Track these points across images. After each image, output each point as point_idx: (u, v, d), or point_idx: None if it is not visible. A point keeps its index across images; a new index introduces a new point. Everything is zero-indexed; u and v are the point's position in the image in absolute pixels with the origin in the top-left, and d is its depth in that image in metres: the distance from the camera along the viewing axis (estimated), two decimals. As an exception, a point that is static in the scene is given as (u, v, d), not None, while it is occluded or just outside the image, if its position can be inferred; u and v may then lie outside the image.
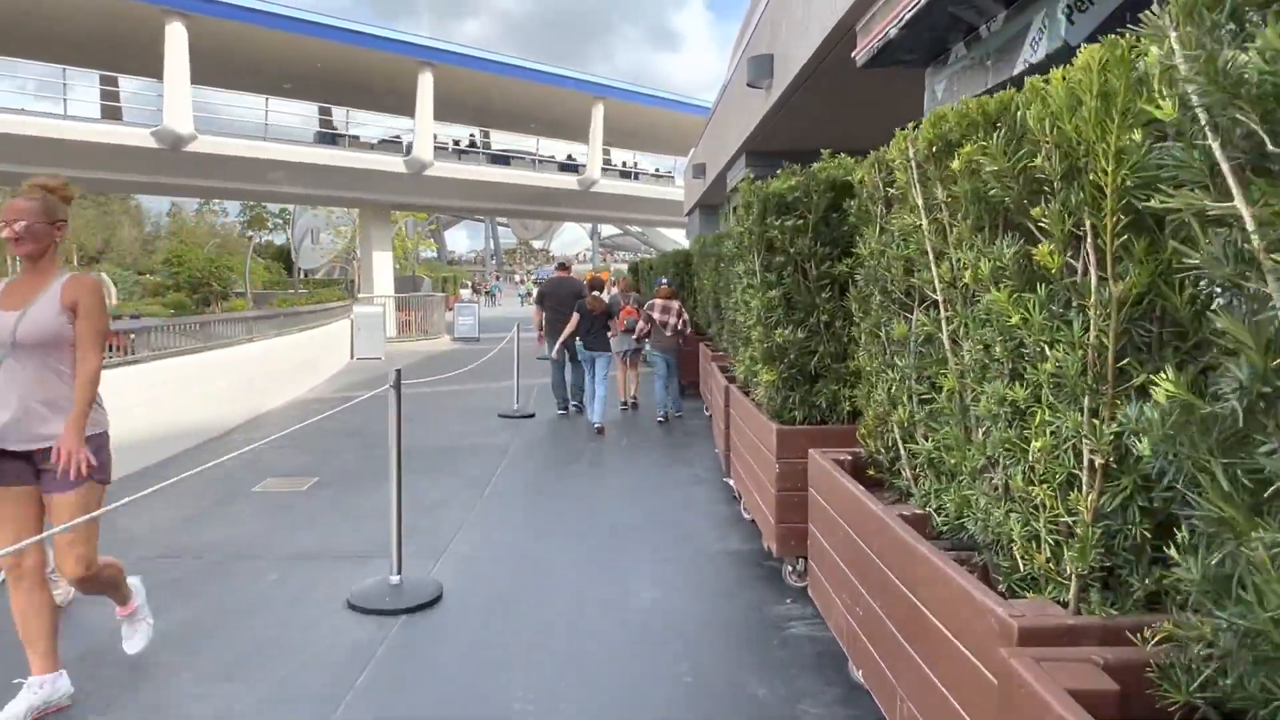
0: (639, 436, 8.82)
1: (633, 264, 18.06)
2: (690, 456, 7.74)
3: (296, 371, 12.19)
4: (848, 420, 3.96)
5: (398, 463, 4.47)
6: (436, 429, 9.30)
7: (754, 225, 4.08)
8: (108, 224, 76.16)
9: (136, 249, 74.74)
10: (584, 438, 8.76)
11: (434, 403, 11.33)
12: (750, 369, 4.49)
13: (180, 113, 17.38)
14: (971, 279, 2.10)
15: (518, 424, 9.57)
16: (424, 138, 21.95)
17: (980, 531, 2.25)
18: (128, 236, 76.61)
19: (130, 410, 7.57)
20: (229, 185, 19.79)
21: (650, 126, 29.68)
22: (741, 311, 4.81)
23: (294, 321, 12.97)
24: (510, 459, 7.70)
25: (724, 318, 7.71)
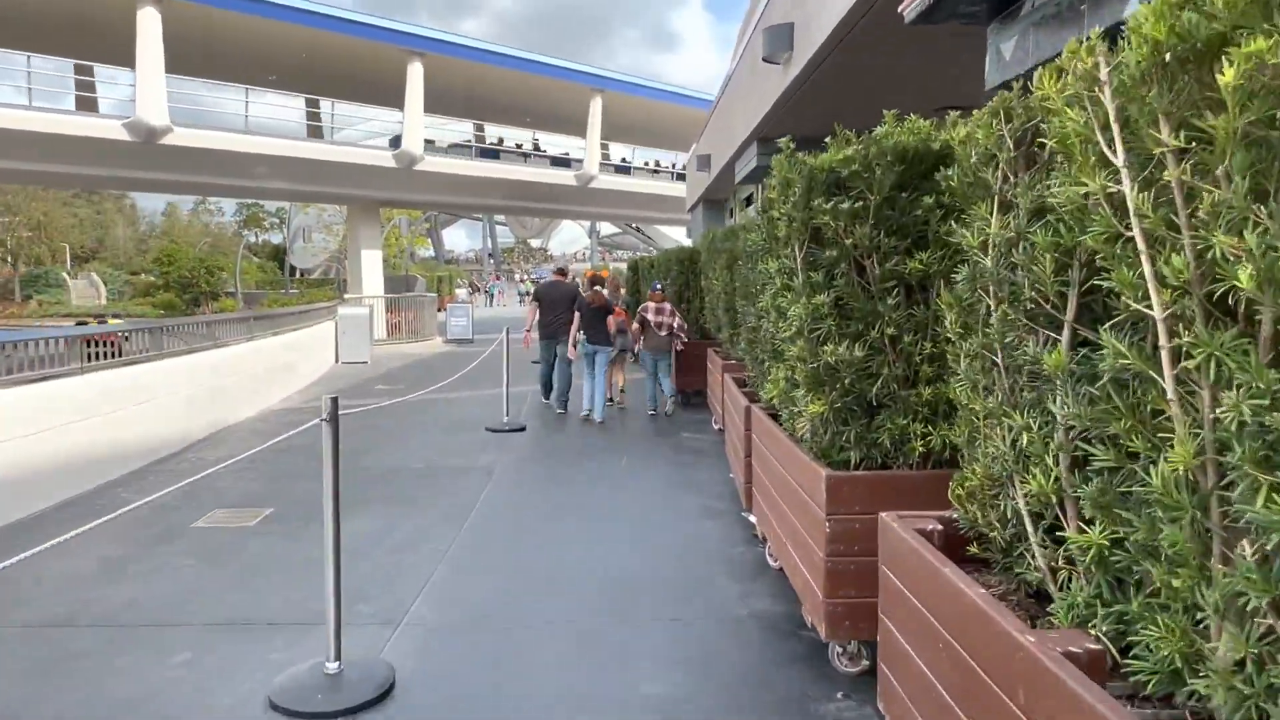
0: (640, 454, 7.89)
1: (632, 262, 17.13)
2: (699, 480, 6.80)
3: (269, 379, 11.25)
4: (920, 464, 3.03)
5: (334, 517, 3.50)
6: (417, 446, 8.37)
7: (795, 210, 3.15)
8: (102, 223, 75.38)
9: (131, 248, 73.91)
10: (577, 456, 7.83)
11: (418, 414, 10.39)
12: (786, 393, 3.55)
13: (154, 103, 16.42)
14: (1256, 283, 1.17)
15: (506, 439, 8.64)
16: (414, 131, 20.98)
17: (1231, 710, 1.33)
18: (122, 236, 75.79)
19: (66, 428, 6.64)
20: (209, 180, 18.85)
21: (650, 121, 28.70)
22: (772, 319, 3.87)
23: (267, 325, 12.02)
24: (495, 484, 6.76)
25: (739, 323, 6.79)
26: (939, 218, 2.87)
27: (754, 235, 4.80)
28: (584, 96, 25.19)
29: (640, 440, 8.64)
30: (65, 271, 55.55)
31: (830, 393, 3.03)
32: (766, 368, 4.47)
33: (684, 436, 8.74)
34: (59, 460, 6.53)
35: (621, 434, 9.00)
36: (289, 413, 10.55)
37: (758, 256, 4.65)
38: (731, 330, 7.76)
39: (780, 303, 3.46)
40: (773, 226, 3.89)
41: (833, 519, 2.99)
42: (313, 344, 14.36)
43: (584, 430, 9.23)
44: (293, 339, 12.75)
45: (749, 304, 5.41)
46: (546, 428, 9.42)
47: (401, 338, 21.78)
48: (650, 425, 9.46)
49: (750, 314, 5.12)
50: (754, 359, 5.41)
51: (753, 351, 5.39)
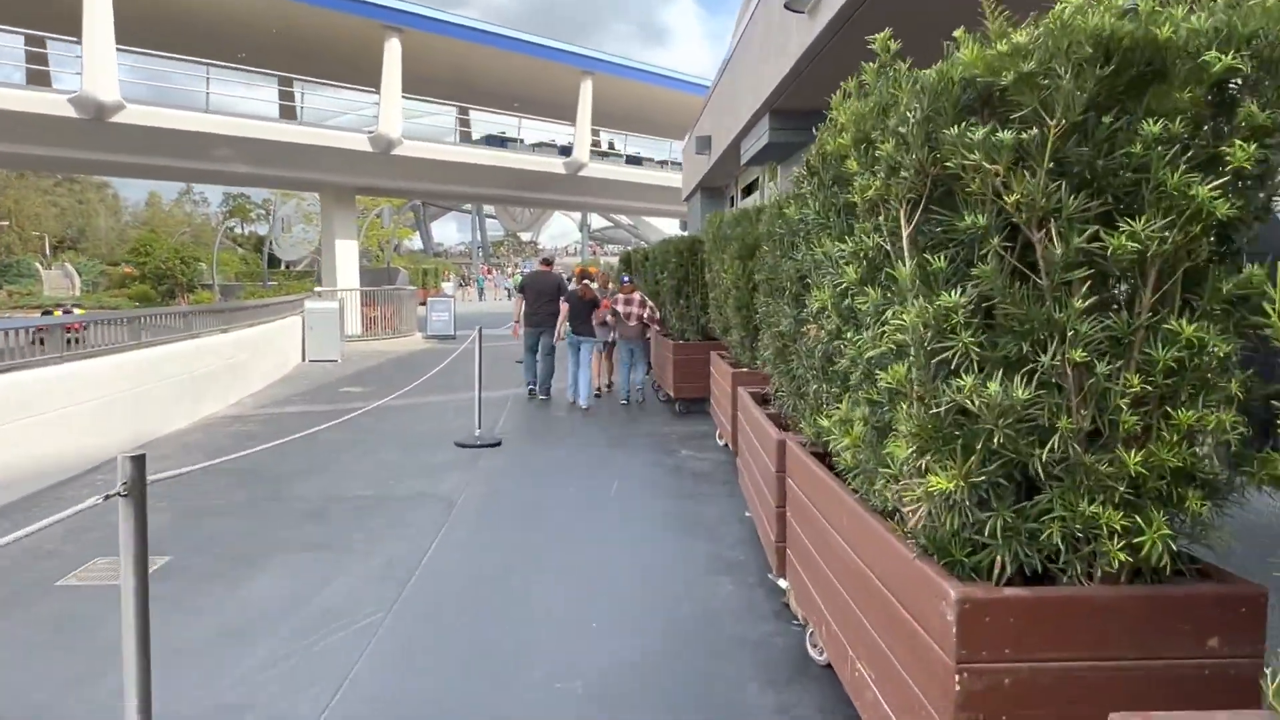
0: (633, 479, 6.65)
1: (624, 255, 15.87)
2: (707, 517, 5.56)
3: (215, 381, 9.94)
4: (1129, 578, 1.80)
5: (139, 666, 2.24)
6: (370, 466, 7.10)
7: (901, 151, 1.90)
8: (83, 213, 73.58)
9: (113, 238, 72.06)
10: (558, 480, 6.58)
11: (381, 423, 9.11)
12: (869, 443, 2.31)
13: (103, 77, 15.00)
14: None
15: (477, 457, 7.38)
16: (391, 112, 19.61)
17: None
18: (103, 226, 73.99)
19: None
20: (165, 163, 17.44)
21: (643, 107, 27.38)
22: (832, 327, 2.64)
23: (214, 320, 10.72)
24: (456, 520, 5.50)
25: (759, 325, 5.55)
26: (1165, 159, 1.63)
27: (792, 210, 3.56)
28: (573, 79, 23.85)
29: (633, 458, 7.39)
30: (38, 261, 53.86)
31: (967, 456, 1.78)
32: (818, 394, 3.22)
33: (684, 455, 7.50)
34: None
35: (611, 450, 7.76)
36: (233, 421, 9.26)
37: (802, 237, 3.41)
38: (744, 332, 6.52)
39: (859, 303, 2.21)
40: (835, 187, 2.66)
41: (969, 670, 1.76)
42: (274, 341, 13.05)
43: (568, 446, 7.99)
44: (246, 336, 11.43)
45: (779, 301, 4.17)
46: (525, 441, 8.16)
47: (378, 333, 20.44)
48: (645, 440, 8.23)
49: (784, 315, 3.87)
50: (784, 373, 4.17)
51: (784, 364, 4.15)
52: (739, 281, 6.41)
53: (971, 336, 1.75)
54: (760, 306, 4.92)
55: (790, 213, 3.54)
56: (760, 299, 4.97)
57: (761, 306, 4.87)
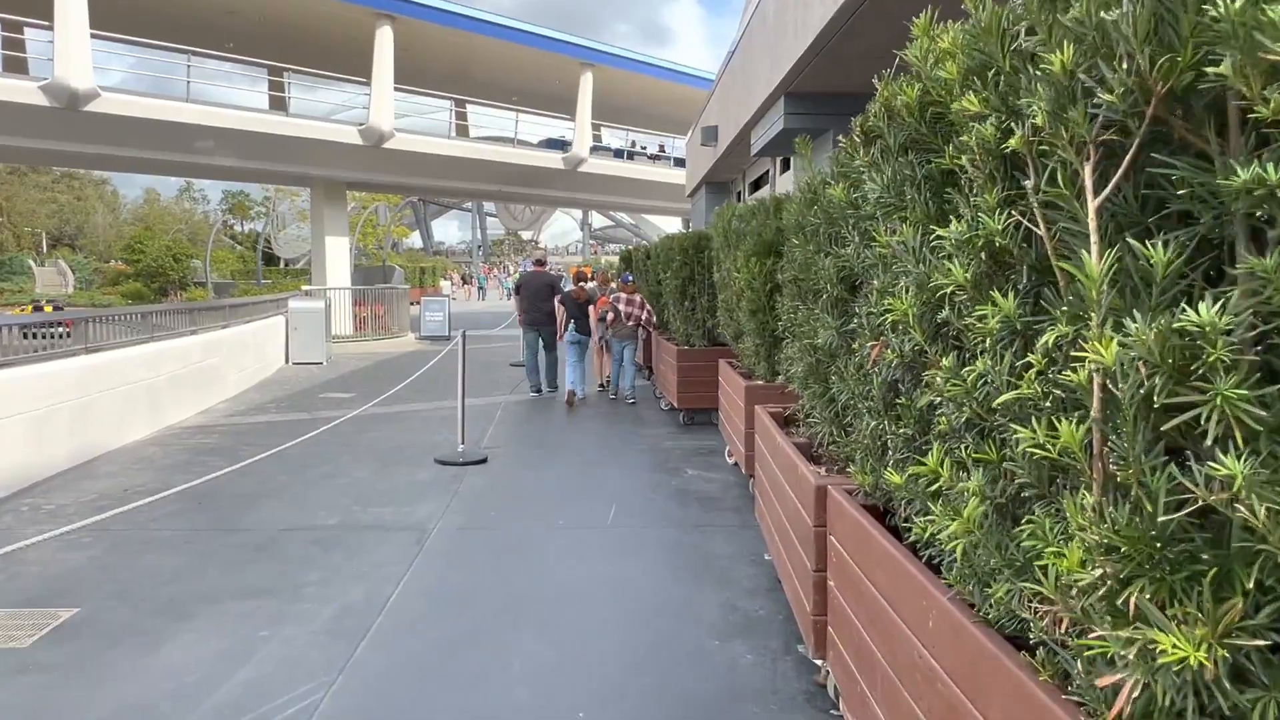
0: (633, 502, 5.87)
1: (624, 253, 15.13)
2: (718, 555, 4.79)
3: (182, 387, 9.18)
4: None
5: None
6: (336, 489, 6.32)
7: (1108, 57, 1.11)
8: (82, 209, 72.91)
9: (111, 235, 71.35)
10: (548, 504, 5.80)
11: (358, 435, 8.35)
12: (997, 536, 1.52)
13: (76, 63, 14.22)
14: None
15: (458, 477, 6.60)
16: (383, 104, 18.82)
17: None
18: (101, 223, 73.31)
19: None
20: (145, 155, 16.63)
21: (645, 101, 26.60)
22: (911, 343, 1.87)
23: (180, 321, 9.95)
24: (425, 559, 4.73)
25: (780, 334, 4.80)
26: None
27: (838, 191, 2.78)
28: (574, 71, 23.06)
29: (633, 478, 6.62)
30: (31, 258, 53.15)
31: (1222, 597, 1.01)
32: (876, 433, 2.44)
33: (690, 475, 6.72)
34: None
35: (608, 468, 6.98)
36: (196, 432, 8.48)
37: (851, 225, 2.64)
38: (759, 340, 5.74)
39: (975, 315, 1.44)
40: (911, 154, 1.90)
41: None
42: (252, 342, 12.27)
43: (560, 463, 7.22)
44: (219, 337, 10.66)
45: (812, 307, 3.40)
46: (513, 457, 7.39)
47: (368, 334, 19.69)
48: (646, 456, 7.45)
49: (823, 325, 3.10)
50: (819, 395, 3.39)
51: (818, 385, 3.38)
52: (754, 282, 5.64)
53: (1238, 387, 0.97)
54: (785, 312, 4.15)
55: (836, 194, 2.76)
56: (785, 303, 4.19)
57: (787, 312, 4.10)
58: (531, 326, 10.67)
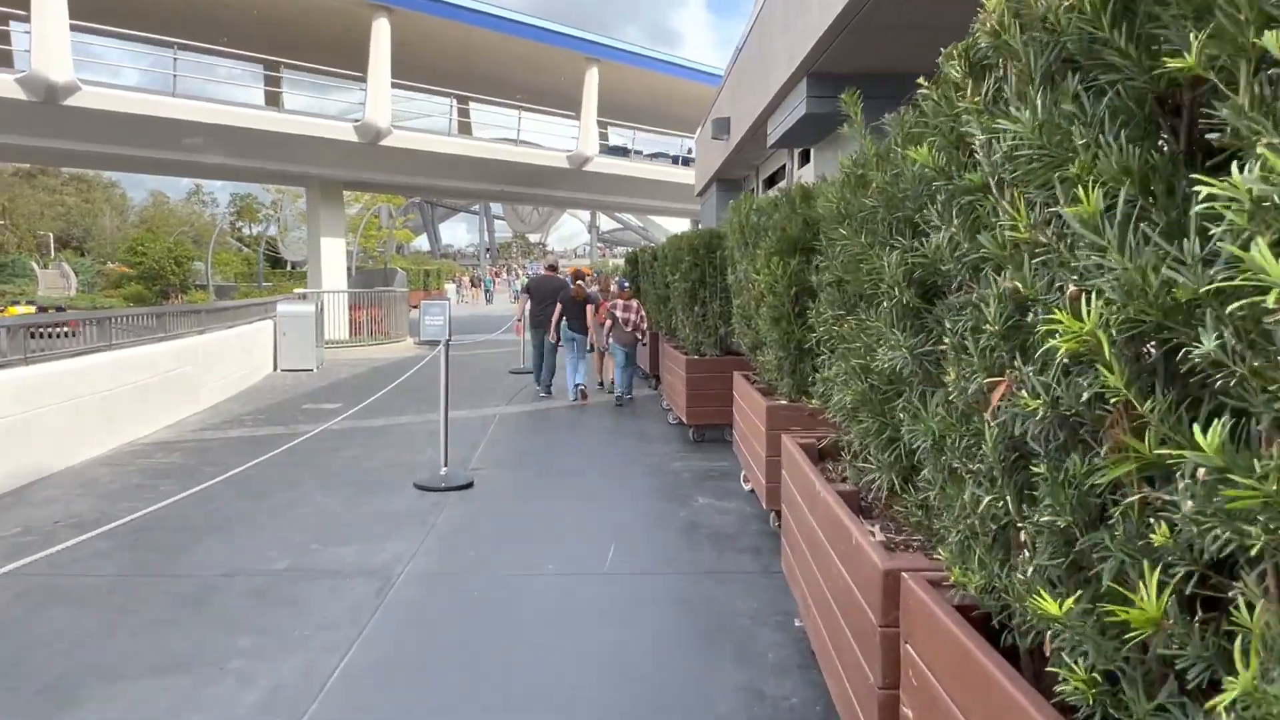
0: (636, 538, 5.07)
1: (630, 255, 14.36)
2: (735, 616, 3.98)
3: (146, 399, 8.43)
4: None
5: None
6: (300, 519, 5.54)
7: None
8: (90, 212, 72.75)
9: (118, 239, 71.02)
10: (537, 541, 4.99)
11: (335, 453, 7.58)
12: None
13: (55, 55, 13.53)
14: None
15: (438, 506, 5.81)
16: (379, 99, 18.08)
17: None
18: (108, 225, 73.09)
19: None
20: (130, 152, 15.93)
21: (653, 98, 25.78)
22: (1088, 386, 1.04)
23: (154, 327, 9.21)
24: (384, 618, 3.93)
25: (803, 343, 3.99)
26: None
27: (923, 154, 1.98)
28: (578, 67, 22.29)
29: (636, 508, 5.81)
30: (34, 260, 52.78)
31: None
32: (990, 511, 1.63)
33: (701, 505, 5.91)
34: None
35: (609, 494, 6.18)
36: (156, 450, 7.72)
37: (942, 204, 1.84)
38: (782, 352, 4.93)
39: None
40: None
41: None
42: (233, 349, 11.54)
43: (555, 488, 6.42)
44: (193, 344, 9.92)
45: (867, 318, 2.60)
46: (503, 481, 6.59)
47: (365, 339, 18.96)
48: (651, 480, 6.65)
49: (889, 344, 2.28)
50: (873, 434, 2.58)
51: (875, 420, 2.57)
52: (776, 285, 4.83)
53: None
54: (822, 323, 3.34)
55: (919, 156, 1.95)
56: (820, 310, 3.38)
57: (825, 323, 3.29)
58: (541, 329, 11.06)
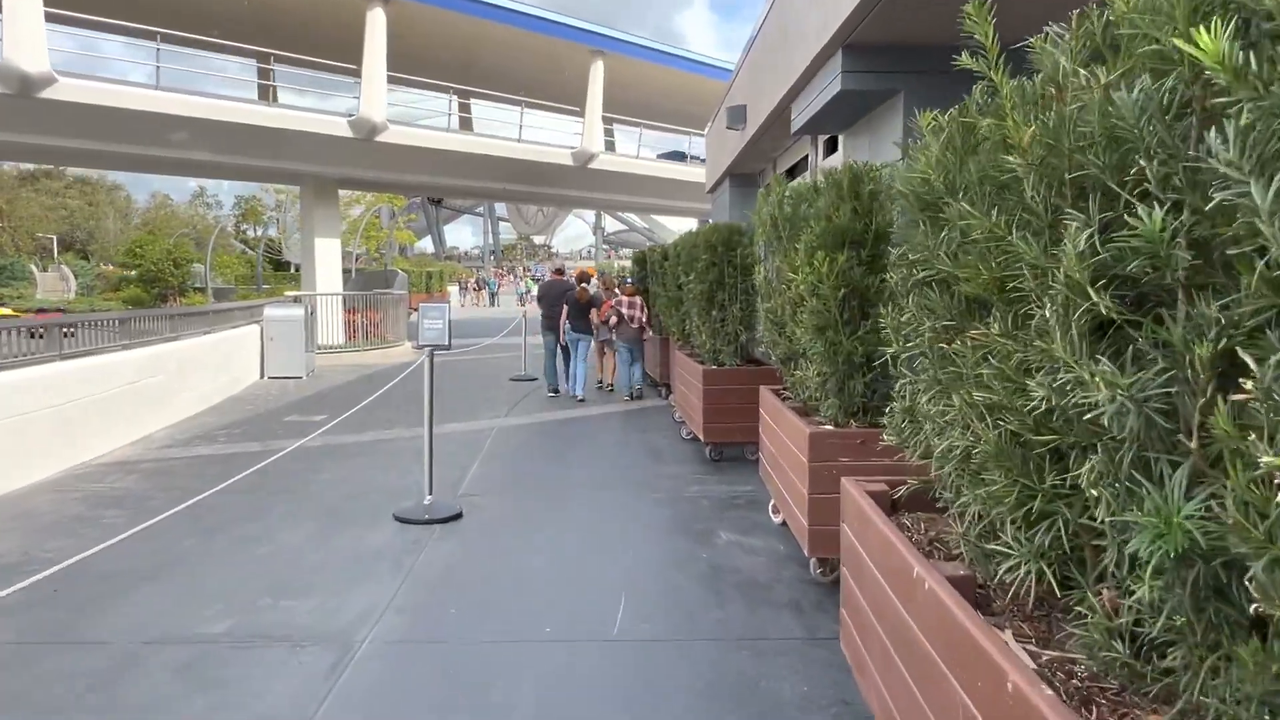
0: (650, 584, 4.23)
1: (638, 254, 13.56)
2: (782, 703, 3.14)
3: (107, 413, 7.65)
4: None
5: None
6: (256, 562, 4.72)
7: None
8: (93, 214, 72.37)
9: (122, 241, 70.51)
10: (533, 588, 4.16)
11: (311, 475, 6.78)
12: None
13: (28, 44, 12.77)
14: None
15: (419, 543, 4.98)
16: (374, 93, 17.29)
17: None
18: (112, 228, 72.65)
19: None
20: (112, 148, 15.13)
21: (662, 93, 24.94)
22: None
23: (119, 334, 8.42)
24: (334, 707, 3.10)
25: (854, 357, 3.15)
26: None
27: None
28: (583, 60, 21.48)
29: (649, 547, 4.98)
30: (33, 263, 52.24)
31: None
32: None
33: (724, 543, 5.06)
34: None
35: (616, 528, 5.35)
36: (111, 471, 6.92)
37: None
38: (828, 368, 4.09)
39: None
40: None
41: None
42: (213, 356, 10.76)
43: (556, 518, 5.59)
44: (164, 351, 9.12)
45: (988, 330, 1.76)
46: (496, 510, 5.76)
47: (360, 343, 18.13)
48: (666, 510, 5.81)
49: (1086, 378, 1.42)
50: (1011, 504, 1.74)
51: (1004, 476, 1.73)
52: (820, 286, 3.99)
53: None
54: (904, 334, 2.50)
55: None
56: (904, 318, 2.54)
57: (908, 335, 2.45)
58: (550, 331, 11.15)
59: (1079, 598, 1.74)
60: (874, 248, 4.04)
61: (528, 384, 12.49)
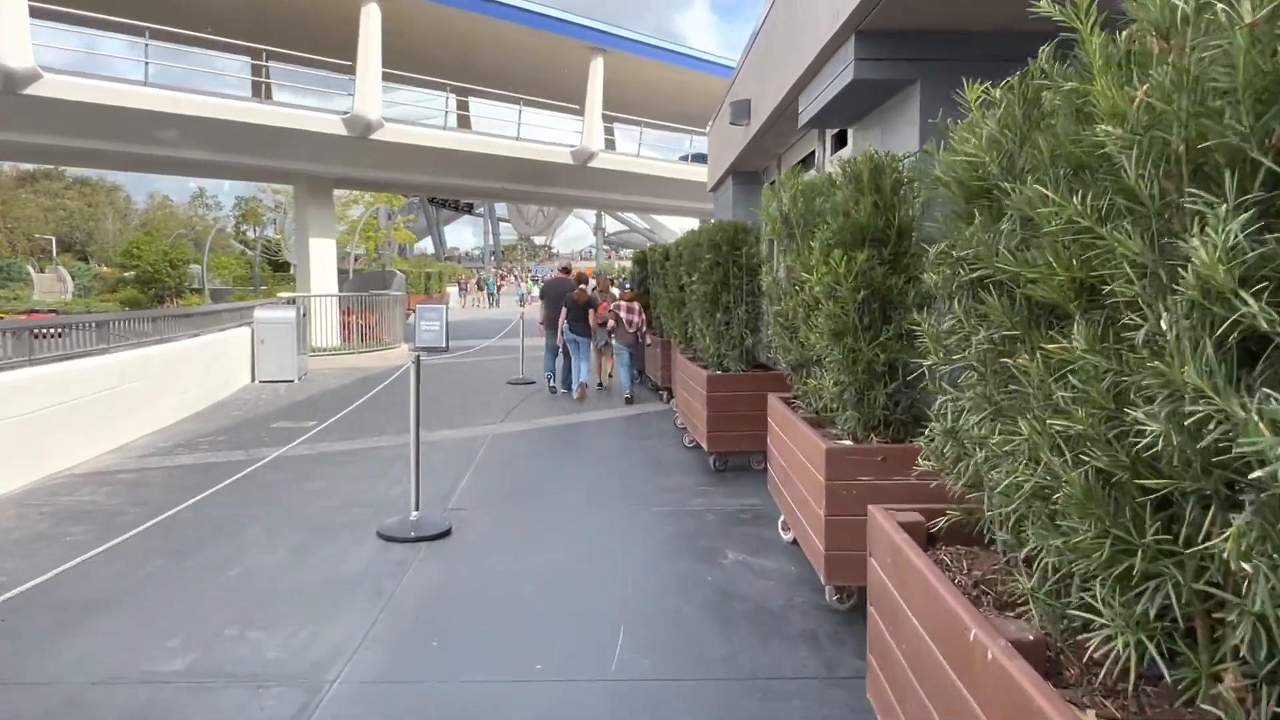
0: (652, 624, 3.88)
1: (639, 254, 13.21)
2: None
3: (87, 420, 7.32)
4: None
5: None
6: (222, 585, 4.37)
7: None
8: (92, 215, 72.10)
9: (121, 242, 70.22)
10: (520, 630, 3.80)
11: (293, 486, 6.45)
12: None
13: (12, 39, 12.41)
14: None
15: (402, 565, 4.64)
16: (369, 90, 16.94)
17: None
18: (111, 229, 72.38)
19: None
20: (99, 147, 14.75)
21: (662, 92, 24.59)
22: None
23: (93, 338, 8.07)
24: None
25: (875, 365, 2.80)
26: None
27: None
28: (583, 57, 21.13)
29: (651, 569, 4.63)
30: (30, 264, 51.96)
31: None
32: None
33: (731, 563, 4.71)
34: None
35: (616, 545, 5.00)
36: (86, 484, 6.57)
37: None
38: (849, 376, 3.75)
39: None
40: None
41: None
42: (198, 360, 10.43)
43: (551, 532, 5.24)
44: (146, 355, 8.78)
45: (1091, 356, 1.40)
46: (488, 525, 5.42)
47: (356, 346, 17.79)
48: (669, 525, 5.46)
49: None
50: (1098, 559, 1.39)
51: (1090, 523, 1.37)
52: (838, 287, 3.64)
53: None
54: (941, 346, 2.15)
55: None
56: (939, 326, 2.19)
57: (944, 347, 2.10)
58: (554, 329, 11.21)
59: (1189, 678, 1.39)
60: (896, 245, 3.69)
61: (525, 387, 12.15)
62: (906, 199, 3.68)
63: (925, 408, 3.86)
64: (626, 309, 10.61)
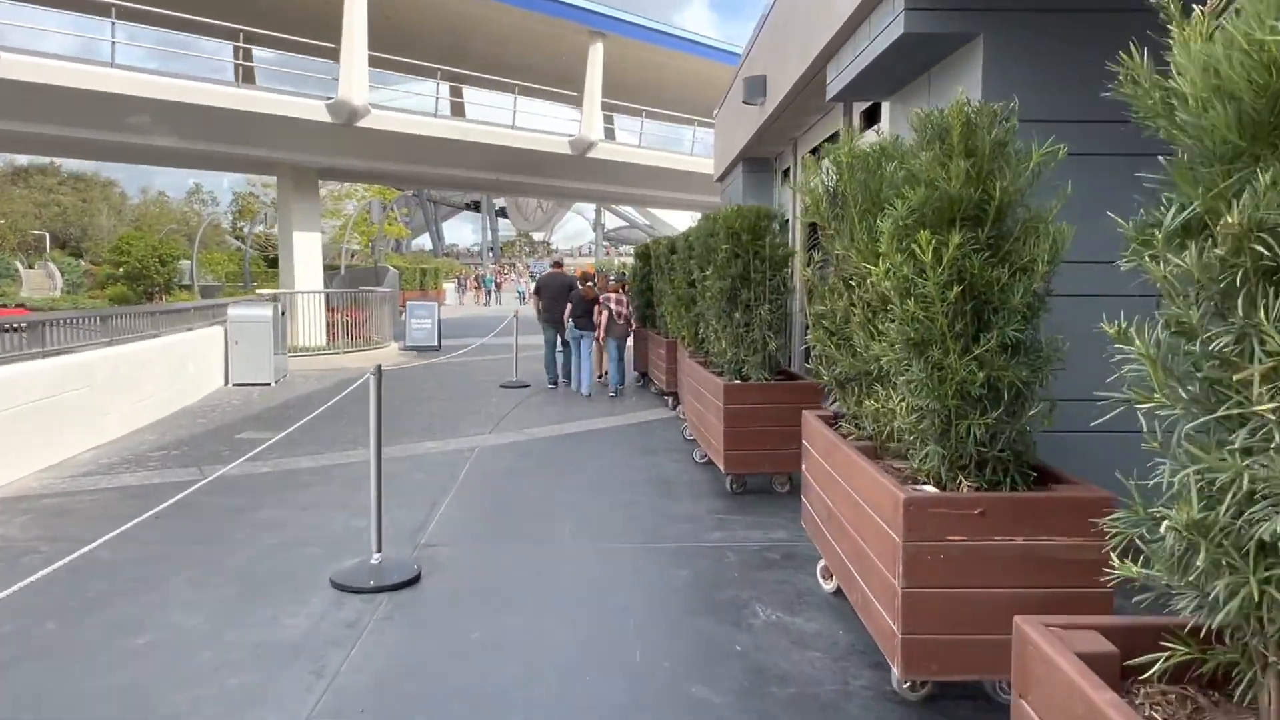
0: (660, 700, 2.98)
1: (640, 248, 12.30)
2: None
3: (15, 434, 6.39)
4: None
5: None
6: (119, 655, 3.45)
7: None
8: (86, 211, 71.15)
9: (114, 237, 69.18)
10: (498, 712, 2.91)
11: (237, 515, 5.53)
12: None
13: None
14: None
15: (353, 627, 3.71)
16: (355, 74, 15.97)
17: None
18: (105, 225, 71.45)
19: None
20: (65, 133, 13.71)
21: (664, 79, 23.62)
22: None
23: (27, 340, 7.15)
24: None
25: (982, 389, 1.91)
26: None
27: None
28: (582, 42, 20.15)
29: (660, 627, 3.71)
30: (19, 260, 50.99)
31: None
32: None
33: (763, 624, 3.78)
34: None
35: (619, 595, 4.07)
36: (1, 512, 5.64)
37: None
38: (933, 402, 2.82)
39: None
40: None
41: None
42: (159, 362, 9.52)
43: (540, 579, 4.31)
44: (91, 359, 7.85)
45: None
46: (464, 569, 4.49)
47: (341, 345, 16.84)
48: (684, 568, 4.53)
49: None
50: None
51: None
52: (920, 284, 2.71)
53: None
54: (1173, 378, 1.21)
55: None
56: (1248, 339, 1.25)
57: (1177, 379, 1.16)
58: (552, 324, 11.16)
59: None
60: (996, 225, 2.77)
61: (520, 391, 11.26)
62: (1010, 164, 2.75)
63: (1030, 442, 2.94)
64: (616, 300, 10.66)
